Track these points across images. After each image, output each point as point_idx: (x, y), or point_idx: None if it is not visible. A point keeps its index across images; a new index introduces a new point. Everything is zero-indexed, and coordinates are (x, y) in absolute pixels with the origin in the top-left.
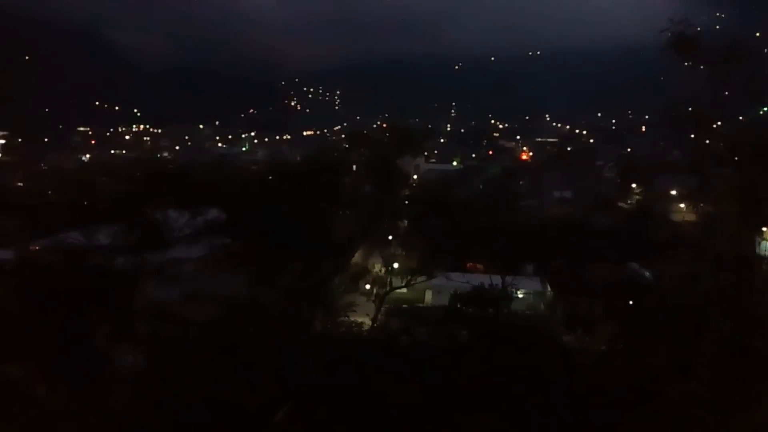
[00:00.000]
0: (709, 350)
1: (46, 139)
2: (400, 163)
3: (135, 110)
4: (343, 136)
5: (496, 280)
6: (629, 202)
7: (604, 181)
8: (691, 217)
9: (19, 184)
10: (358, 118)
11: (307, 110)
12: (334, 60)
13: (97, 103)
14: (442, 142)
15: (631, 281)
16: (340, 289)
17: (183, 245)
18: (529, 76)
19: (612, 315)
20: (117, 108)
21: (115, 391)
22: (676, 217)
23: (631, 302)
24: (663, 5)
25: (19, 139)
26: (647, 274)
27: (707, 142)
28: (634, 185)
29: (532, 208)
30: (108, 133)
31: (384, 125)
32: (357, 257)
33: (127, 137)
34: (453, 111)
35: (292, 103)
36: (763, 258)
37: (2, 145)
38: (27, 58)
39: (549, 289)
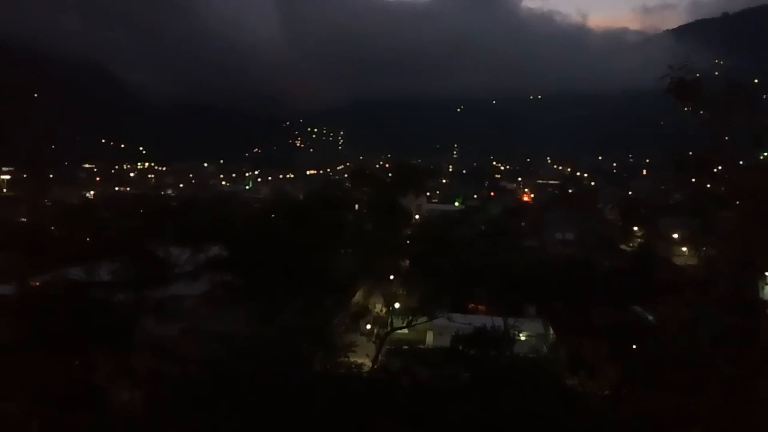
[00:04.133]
0: (714, 395)
1: (51, 175)
2: (403, 203)
3: (140, 147)
4: (346, 175)
5: (498, 321)
6: (631, 244)
7: (605, 223)
8: (693, 260)
9: (23, 219)
10: (361, 157)
11: (311, 149)
12: (338, 100)
13: (103, 140)
14: (444, 183)
15: (635, 324)
16: (341, 329)
17: (184, 281)
18: (531, 118)
19: (615, 358)
20: (123, 145)
21: (112, 429)
22: (679, 260)
23: (634, 346)
24: (663, 50)
25: (25, 175)
26: (650, 317)
27: (709, 185)
28: (636, 228)
29: (534, 249)
30: (113, 170)
31: (387, 165)
32: (358, 296)
33: (131, 174)
34: (455, 152)
35: (296, 142)
36: (766, 302)
37: (7, 180)
38: (35, 94)
39: (551, 331)
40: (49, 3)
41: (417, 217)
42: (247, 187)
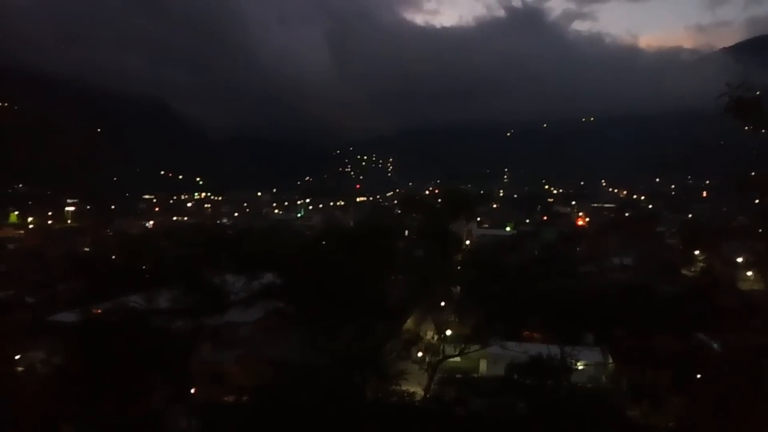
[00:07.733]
0: None
1: (113, 206)
2: (453, 228)
3: (197, 178)
4: (395, 201)
5: (555, 350)
6: (693, 269)
7: (666, 247)
8: (759, 284)
9: (86, 248)
10: (410, 183)
11: (361, 177)
12: (387, 128)
13: (162, 172)
14: (495, 207)
15: (699, 352)
16: (392, 356)
17: (239, 309)
18: (584, 141)
19: (679, 388)
20: (180, 176)
21: None
22: (744, 285)
23: (699, 375)
24: (719, 68)
25: (88, 206)
26: (715, 344)
27: None
28: (697, 252)
29: (591, 274)
30: (171, 201)
31: (436, 190)
32: (409, 323)
33: (189, 204)
34: (506, 176)
35: (347, 170)
36: None
37: (72, 211)
38: (98, 129)
39: (611, 360)
40: (113, 43)
41: (468, 242)
42: (299, 215)
